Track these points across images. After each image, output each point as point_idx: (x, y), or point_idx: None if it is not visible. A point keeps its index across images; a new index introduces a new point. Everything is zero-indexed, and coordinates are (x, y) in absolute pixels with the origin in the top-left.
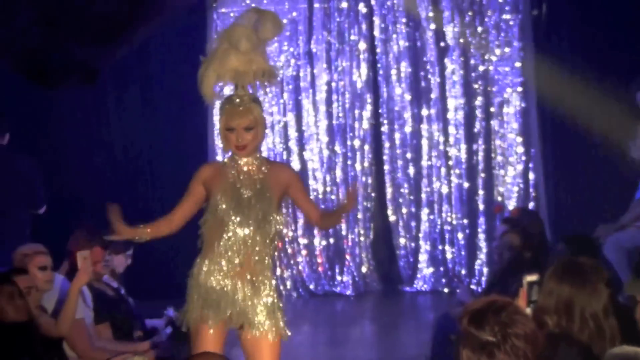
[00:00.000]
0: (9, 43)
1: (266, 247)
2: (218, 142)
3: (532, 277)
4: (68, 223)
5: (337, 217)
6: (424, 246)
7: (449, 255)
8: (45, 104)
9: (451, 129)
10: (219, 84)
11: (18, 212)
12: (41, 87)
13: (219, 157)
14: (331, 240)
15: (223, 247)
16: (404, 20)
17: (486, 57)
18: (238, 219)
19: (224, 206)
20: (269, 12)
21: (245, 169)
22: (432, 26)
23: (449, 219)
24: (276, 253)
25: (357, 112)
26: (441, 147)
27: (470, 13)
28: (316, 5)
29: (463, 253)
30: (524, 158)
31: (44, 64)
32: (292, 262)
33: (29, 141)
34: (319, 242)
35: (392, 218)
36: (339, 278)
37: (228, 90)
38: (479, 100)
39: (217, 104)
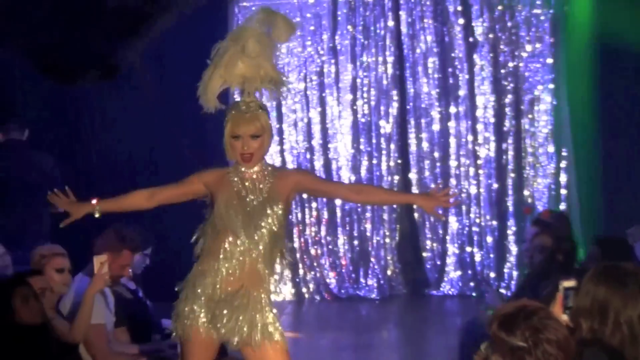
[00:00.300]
0: (27, 38)
1: (270, 258)
2: None
3: (569, 283)
4: (88, 223)
5: (412, 201)
6: (452, 248)
7: (477, 258)
8: (64, 100)
9: (480, 128)
10: (222, 90)
11: (38, 209)
12: (59, 83)
13: None
14: (355, 242)
15: (224, 257)
16: (431, 14)
17: (516, 53)
18: (243, 228)
19: (229, 215)
20: (279, 14)
21: (249, 178)
22: (461, 21)
23: (477, 221)
24: (284, 262)
25: (382, 109)
26: (469, 146)
27: (500, 7)
28: None
29: (492, 256)
30: (555, 158)
31: (62, 59)
32: (315, 264)
33: (47, 138)
34: (342, 244)
35: (418, 219)
36: (363, 281)
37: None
38: (508, 98)
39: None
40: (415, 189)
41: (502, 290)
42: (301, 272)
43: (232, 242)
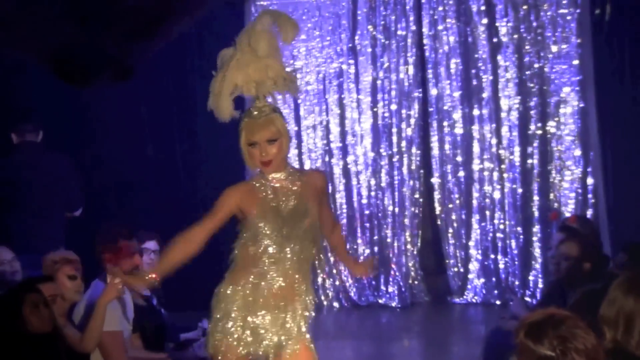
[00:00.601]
0: (40, 39)
1: (308, 265)
2: None
3: None
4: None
5: (346, 264)
6: (475, 255)
7: (501, 265)
8: (78, 101)
9: (504, 131)
10: (233, 97)
11: (53, 213)
12: (73, 84)
13: None
14: (376, 249)
15: (261, 269)
16: (454, 14)
17: (542, 54)
18: (280, 238)
19: (265, 228)
20: (283, 13)
21: (277, 184)
22: (484, 21)
23: (501, 227)
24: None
25: (404, 112)
26: (493, 149)
27: (524, 7)
28: None
29: (517, 263)
30: (582, 162)
31: (76, 60)
32: (334, 270)
33: (61, 140)
34: (362, 250)
35: (441, 225)
36: (384, 288)
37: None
38: (533, 100)
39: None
40: (437, 194)
41: (527, 299)
42: (320, 279)
43: (269, 253)
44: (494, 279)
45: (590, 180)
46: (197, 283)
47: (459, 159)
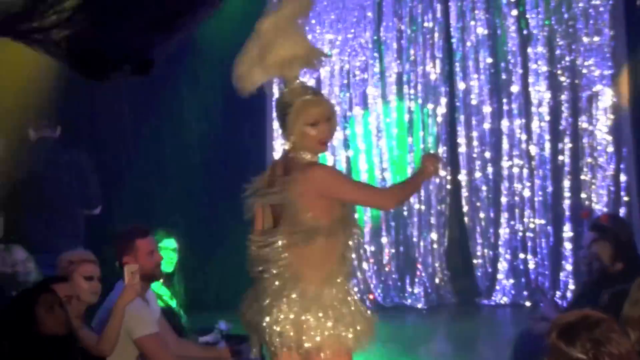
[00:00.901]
0: (55, 30)
1: (309, 256)
2: (278, 137)
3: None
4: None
5: (411, 186)
6: (504, 255)
7: (531, 265)
8: (96, 95)
9: (534, 126)
10: (263, 81)
11: (71, 210)
12: (91, 78)
13: (277, 155)
14: (401, 248)
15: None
16: (482, 5)
17: (573, 46)
18: (264, 224)
19: (253, 210)
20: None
21: (284, 165)
22: (514, 12)
23: (531, 225)
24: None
25: (430, 106)
26: (523, 145)
27: None
28: None
29: (547, 263)
30: (614, 158)
31: (94, 53)
32: (357, 271)
33: (79, 135)
34: (387, 250)
35: (468, 224)
36: (409, 289)
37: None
38: (565, 95)
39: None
40: (465, 192)
41: (558, 300)
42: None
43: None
44: (523, 280)
45: (623, 178)
46: (213, 284)
47: (487, 155)
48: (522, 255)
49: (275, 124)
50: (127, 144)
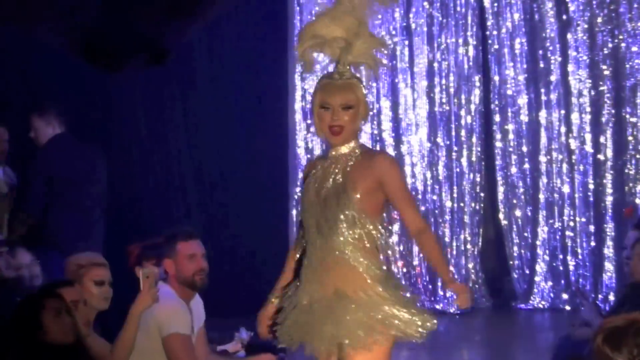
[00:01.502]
0: (66, 20)
1: (352, 253)
2: (299, 134)
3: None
4: (142, 227)
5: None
6: (542, 256)
7: (571, 267)
8: (107, 87)
9: (574, 118)
10: (315, 53)
11: (86, 208)
12: (103, 69)
13: (301, 151)
14: None
15: (307, 260)
16: None
17: (616, 32)
18: (317, 220)
19: (304, 207)
20: None
21: (336, 159)
22: None
23: (571, 224)
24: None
25: (463, 97)
26: (562, 139)
27: None
28: None
29: (588, 264)
30: None
31: (107, 42)
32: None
33: (89, 130)
34: (417, 251)
35: (504, 222)
36: (441, 293)
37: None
38: (607, 84)
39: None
40: (500, 188)
41: (600, 304)
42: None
43: (311, 240)
44: (563, 282)
45: None
46: (232, 289)
47: (524, 149)
48: (561, 256)
49: (298, 117)
50: (139, 136)
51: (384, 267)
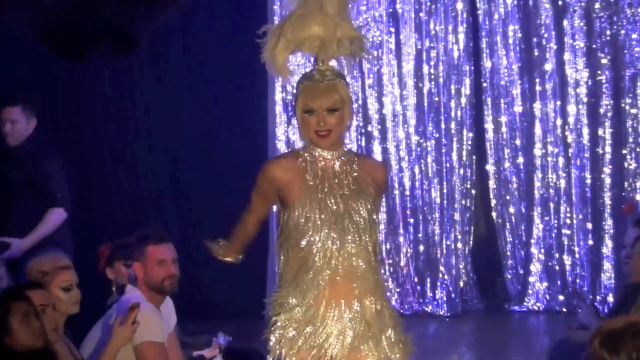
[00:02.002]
0: (28, 6)
1: (370, 263)
2: (279, 127)
3: None
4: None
5: None
6: (537, 255)
7: (567, 267)
8: (72, 79)
9: (571, 109)
10: (292, 55)
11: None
12: (67, 58)
13: (282, 145)
14: (421, 248)
15: (314, 272)
16: None
17: (615, 18)
18: (330, 234)
19: (308, 220)
20: None
21: (331, 165)
22: None
23: (567, 221)
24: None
25: (453, 87)
26: (558, 131)
27: None
28: None
29: (585, 263)
30: None
31: (70, 29)
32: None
33: (54, 125)
34: (405, 250)
35: (497, 220)
36: (430, 294)
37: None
38: (605, 73)
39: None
40: (492, 183)
41: (598, 305)
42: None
43: (321, 253)
44: (559, 283)
45: None
46: (209, 292)
47: (518, 142)
48: (557, 255)
49: (278, 109)
50: (108, 131)
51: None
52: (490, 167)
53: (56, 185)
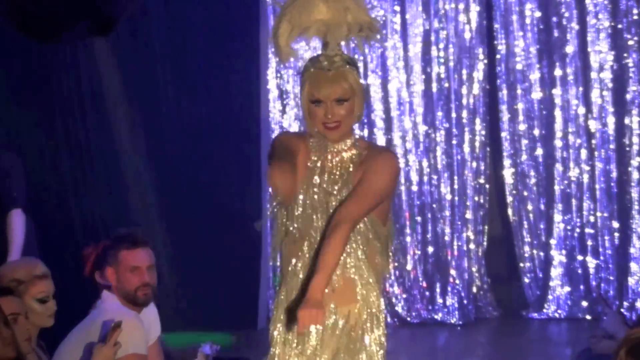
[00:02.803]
0: None
1: (362, 264)
2: (274, 116)
3: None
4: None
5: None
6: (558, 257)
7: (591, 269)
8: (44, 62)
9: (594, 96)
10: (298, 39)
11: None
12: (38, 39)
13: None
14: (430, 249)
15: (302, 269)
16: None
17: None
18: (317, 229)
19: (300, 212)
20: None
21: (335, 157)
22: None
23: (591, 219)
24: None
25: (465, 72)
26: (581, 120)
27: None
28: None
29: (611, 266)
30: None
31: (42, 9)
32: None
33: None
34: (413, 252)
35: (513, 218)
36: (440, 301)
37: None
38: (632, 57)
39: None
40: (509, 178)
41: (625, 312)
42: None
43: (308, 250)
44: (582, 287)
45: None
46: (195, 296)
47: (536, 132)
48: (580, 257)
49: (272, 96)
50: (84, 117)
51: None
52: (505, 161)
53: (12, 182)
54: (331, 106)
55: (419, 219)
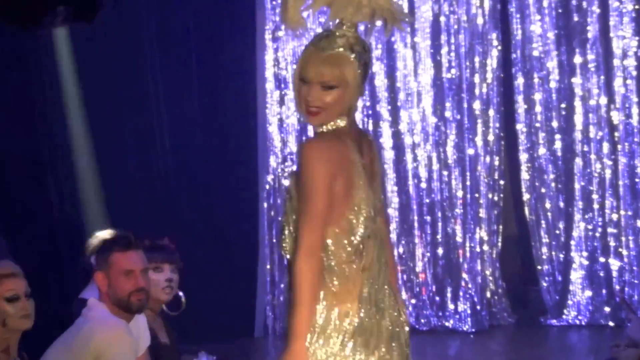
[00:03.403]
0: None
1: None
2: (271, 107)
3: None
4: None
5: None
6: (578, 259)
7: (614, 272)
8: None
9: (617, 85)
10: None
11: None
12: (16, 25)
13: (274, 129)
14: (440, 251)
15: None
16: None
17: None
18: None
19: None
20: None
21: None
22: None
23: (614, 218)
24: None
25: (477, 60)
26: (602, 111)
27: None
28: None
29: (635, 268)
30: None
31: None
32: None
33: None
34: (421, 254)
35: (529, 217)
36: (452, 307)
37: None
38: None
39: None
40: (525, 174)
41: None
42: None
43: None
44: (604, 292)
45: None
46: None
47: (555, 124)
48: (602, 259)
49: (270, 86)
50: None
51: None
52: (522, 155)
53: None
54: (315, 89)
55: (428, 218)
